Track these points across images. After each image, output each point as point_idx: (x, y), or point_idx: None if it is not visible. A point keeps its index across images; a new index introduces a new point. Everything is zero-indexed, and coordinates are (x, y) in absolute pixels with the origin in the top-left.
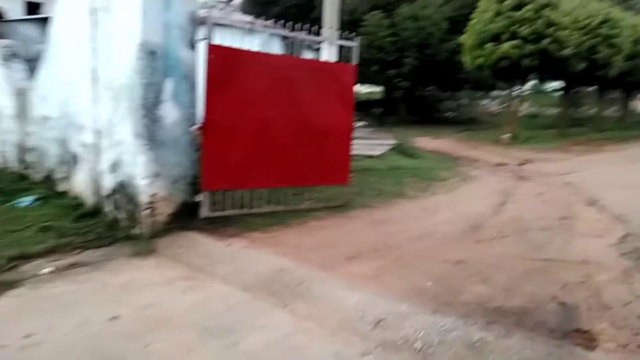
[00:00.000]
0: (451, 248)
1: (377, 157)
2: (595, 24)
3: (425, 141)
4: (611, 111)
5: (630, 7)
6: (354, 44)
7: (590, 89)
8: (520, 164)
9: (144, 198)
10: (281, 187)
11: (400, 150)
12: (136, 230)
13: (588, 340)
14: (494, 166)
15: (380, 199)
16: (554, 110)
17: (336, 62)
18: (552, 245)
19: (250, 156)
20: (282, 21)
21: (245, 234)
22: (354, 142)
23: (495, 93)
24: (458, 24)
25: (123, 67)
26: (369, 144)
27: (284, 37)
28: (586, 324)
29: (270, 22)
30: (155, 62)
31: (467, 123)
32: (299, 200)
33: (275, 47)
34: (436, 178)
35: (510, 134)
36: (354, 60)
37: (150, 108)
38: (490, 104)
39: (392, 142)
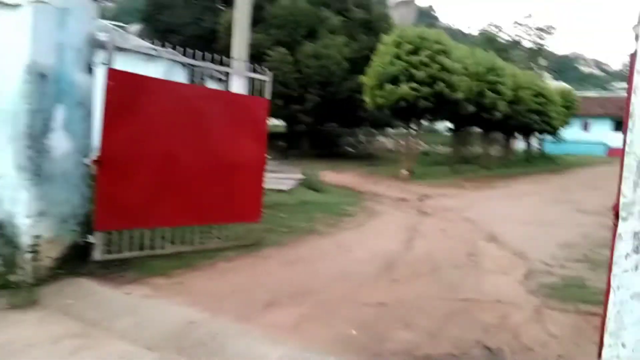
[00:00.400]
0: (370, 289)
1: (286, 191)
2: (482, 71)
3: (330, 175)
4: (495, 150)
5: (508, 58)
6: (267, 77)
7: (477, 129)
8: (420, 199)
9: (25, 240)
10: (188, 225)
11: (307, 184)
12: (16, 278)
13: None
14: (396, 201)
15: (292, 236)
16: (444, 149)
17: (249, 95)
18: (465, 284)
19: (152, 192)
20: (186, 50)
21: (146, 280)
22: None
23: (390, 131)
24: (358, 64)
25: (7, 90)
26: (277, 177)
27: (189, 66)
28: None
29: (173, 50)
30: (45, 86)
31: (366, 158)
32: (206, 239)
33: (179, 76)
34: (344, 213)
35: (407, 170)
36: (267, 94)
37: (36, 137)
38: (386, 140)
39: (299, 176)
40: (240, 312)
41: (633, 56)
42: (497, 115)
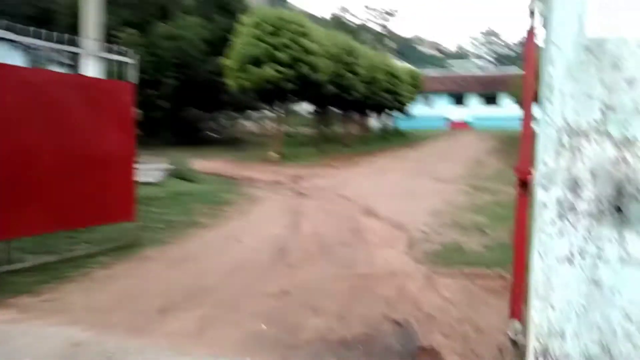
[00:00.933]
0: (268, 278)
1: (156, 183)
2: (340, 53)
3: (197, 163)
4: (353, 129)
5: (358, 40)
6: (130, 59)
7: (337, 110)
8: (295, 181)
9: None
10: (50, 232)
11: (177, 174)
12: None
13: (434, 358)
14: (272, 185)
15: (173, 232)
16: (307, 130)
17: (111, 80)
18: (358, 260)
19: (1, 197)
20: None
21: (9, 302)
22: None
23: (254, 114)
24: (217, 46)
25: None
26: (142, 169)
27: (28, 49)
28: (423, 339)
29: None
30: None
31: (230, 143)
32: (74, 245)
33: (15, 60)
34: (224, 202)
35: (277, 153)
36: (131, 78)
37: None
38: (249, 124)
39: (166, 166)
40: (132, 325)
41: (530, 32)
42: (355, 96)
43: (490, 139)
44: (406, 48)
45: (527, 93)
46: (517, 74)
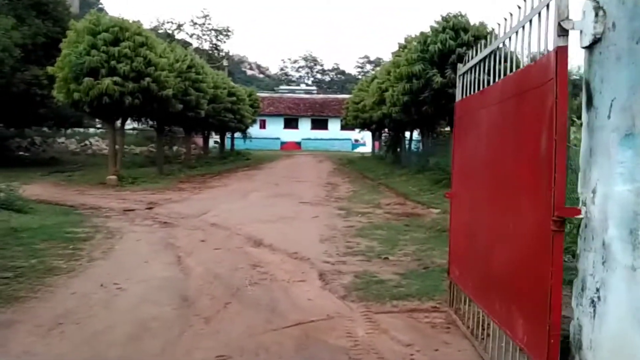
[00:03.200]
0: (190, 341)
1: None
2: (185, 68)
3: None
4: (194, 149)
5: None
6: None
7: (178, 128)
8: (149, 208)
9: None
10: None
11: (3, 204)
12: None
13: None
14: (124, 213)
15: (28, 283)
16: (143, 149)
17: None
18: (279, 303)
19: None
20: None
21: None
22: None
23: (79, 130)
24: (34, 52)
25: None
26: None
27: None
28: None
29: None
30: None
31: (49, 164)
32: None
33: None
34: (77, 238)
35: (115, 175)
36: None
37: None
38: (71, 142)
39: None
40: None
41: (562, 52)
42: (201, 114)
43: (325, 159)
44: (232, 67)
45: (561, 118)
46: (342, 99)
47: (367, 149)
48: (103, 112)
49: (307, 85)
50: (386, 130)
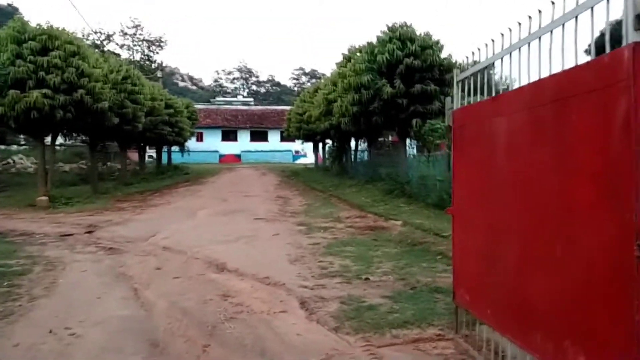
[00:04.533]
0: None
1: None
2: (120, 79)
3: None
4: (129, 165)
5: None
6: None
7: (114, 143)
8: (89, 232)
9: None
10: None
11: None
12: None
13: None
14: (63, 239)
15: None
16: (73, 166)
17: None
18: (266, 341)
19: None
20: None
21: None
22: None
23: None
24: None
25: None
26: None
27: None
28: None
29: None
30: None
31: None
32: None
33: None
34: (12, 272)
35: (46, 196)
36: None
37: None
38: None
39: None
40: None
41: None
42: (138, 127)
43: (268, 172)
44: (163, 79)
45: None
46: (282, 110)
47: (308, 160)
48: (31, 127)
49: (244, 96)
50: (330, 141)
